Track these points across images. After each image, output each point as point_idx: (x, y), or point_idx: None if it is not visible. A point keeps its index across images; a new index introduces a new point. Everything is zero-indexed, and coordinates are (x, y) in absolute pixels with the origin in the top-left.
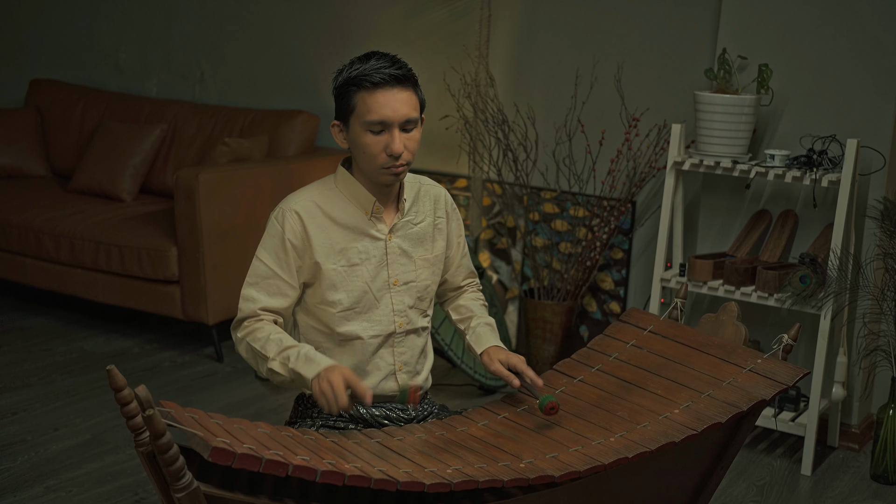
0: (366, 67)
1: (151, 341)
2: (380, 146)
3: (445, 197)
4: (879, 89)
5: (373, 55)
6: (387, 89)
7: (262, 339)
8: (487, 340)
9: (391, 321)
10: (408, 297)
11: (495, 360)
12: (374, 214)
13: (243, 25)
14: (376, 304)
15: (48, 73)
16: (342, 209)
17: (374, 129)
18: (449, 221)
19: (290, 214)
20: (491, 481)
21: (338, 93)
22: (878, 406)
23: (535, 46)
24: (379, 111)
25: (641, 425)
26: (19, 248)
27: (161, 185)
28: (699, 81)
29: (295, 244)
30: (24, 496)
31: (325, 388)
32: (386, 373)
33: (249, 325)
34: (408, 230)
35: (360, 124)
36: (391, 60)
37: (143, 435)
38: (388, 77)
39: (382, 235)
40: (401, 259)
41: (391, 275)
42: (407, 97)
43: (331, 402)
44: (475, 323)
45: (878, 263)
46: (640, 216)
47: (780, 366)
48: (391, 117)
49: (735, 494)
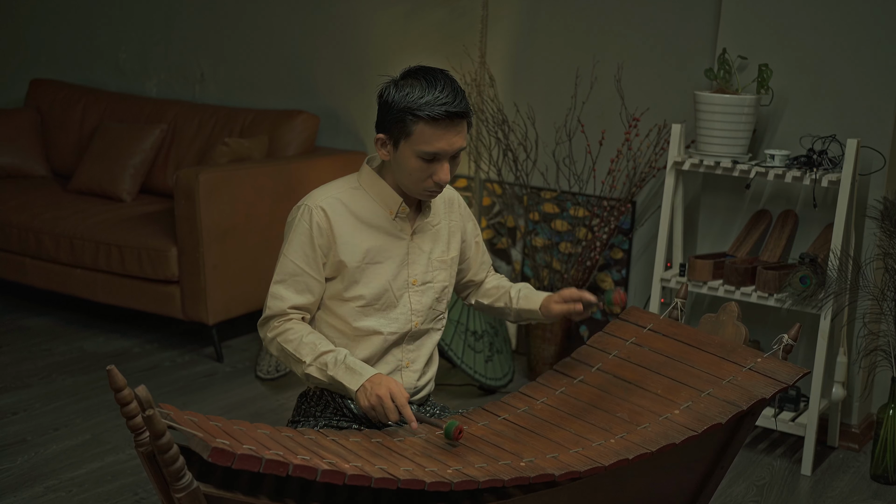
0: (429, 99)
1: (151, 341)
2: (427, 172)
3: (458, 199)
4: (879, 89)
5: (436, 82)
6: (448, 126)
7: (295, 340)
8: (536, 296)
9: (408, 320)
10: (426, 298)
11: (552, 303)
12: (398, 215)
13: (243, 25)
14: (395, 303)
15: (48, 73)
16: (367, 208)
17: (425, 158)
18: (465, 223)
19: (316, 211)
20: (491, 481)
21: (392, 112)
22: (878, 406)
23: (535, 46)
24: (436, 144)
25: (642, 426)
26: (19, 248)
27: (161, 185)
28: (699, 81)
29: (320, 241)
30: (24, 496)
31: (375, 403)
32: (392, 367)
33: (279, 324)
34: (427, 231)
35: (412, 150)
36: (454, 93)
37: (143, 435)
38: (451, 114)
39: (406, 235)
40: (421, 259)
41: (411, 274)
42: (462, 130)
43: (380, 417)
44: (514, 292)
45: (878, 263)
46: (640, 216)
47: (780, 365)
48: (447, 150)
49: (735, 494)
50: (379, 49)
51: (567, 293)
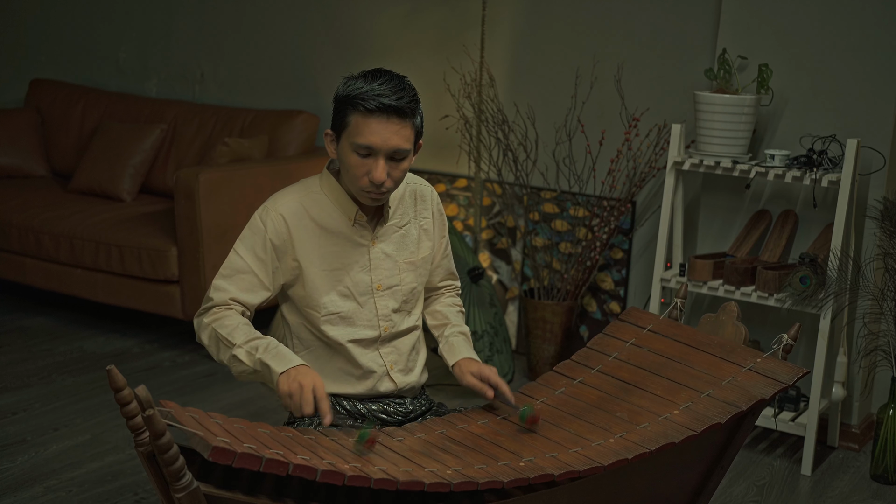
0: (366, 90)
1: (151, 341)
2: (363, 169)
3: (432, 196)
4: (879, 89)
5: (379, 75)
6: (381, 118)
7: (230, 326)
8: (460, 352)
9: (376, 326)
10: (392, 301)
11: (467, 374)
12: (357, 222)
13: (243, 25)
14: (360, 310)
15: (48, 73)
16: (327, 214)
17: (360, 152)
18: (434, 221)
19: (275, 215)
20: (491, 482)
21: (335, 104)
22: (878, 406)
23: (535, 46)
24: (368, 137)
25: (641, 426)
26: (19, 248)
27: (161, 185)
28: (699, 81)
29: (276, 244)
30: (24, 496)
31: (294, 390)
32: (381, 374)
33: (220, 311)
34: (391, 234)
35: (349, 143)
36: (395, 88)
37: (143, 435)
38: (384, 106)
39: (366, 241)
40: (385, 264)
41: (374, 280)
42: (400, 128)
43: (294, 405)
44: (449, 332)
45: (878, 263)
46: (640, 216)
47: (780, 365)
48: (379, 146)
49: (735, 494)
50: (379, 49)
51: (487, 373)
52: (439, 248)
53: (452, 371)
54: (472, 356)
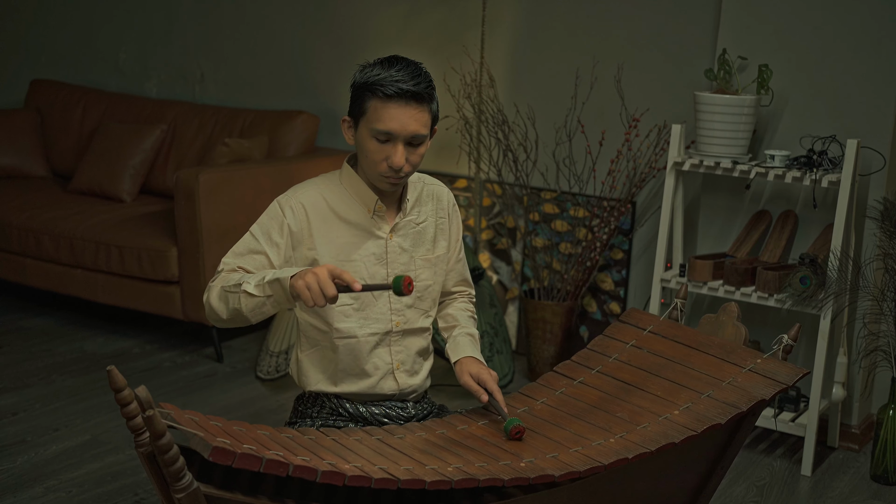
0: (384, 76)
1: (152, 342)
2: (382, 154)
3: (448, 196)
4: (879, 89)
5: (396, 62)
6: (400, 103)
7: (238, 278)
8: (464, 350)
9: (388, 319)
10: (407, 297)
11: (465, 373)
12: (376, 213)
13: (243, 25)
14: (374, 302)
15: (48, 73)
16: (346, 205)
17: (379, 138)
18: (450, 221)
19: (295, 203)
20: (491, 480)
21: (353, 91)
22: (878, 406)
23: (535, 46)
24: (387, 123)
25: (641, 426)
26: (19, 248)
27: (161, 185)
28: (699, 82)
29: (294, 231)
30: (24, 496)
31: (310, 280)
32: (384, 372)
33: (227, 273)
34: (409, 230)
35: (367, 129)
36: (412, 74)
37: (144, 435)
38: (402, 91)
39: (384, 234)
40: (401, 258)
41: (390, 273)
42: (418, 114)
43: (315, 294)
44: (457, 332)
45: (878, 264)
46: (640, 216)
47: (780, 365)
48: (398, 131)
49: (735, 494)
50: (379, 49)
51: (485, 377)
52: (454, 251)
53: (454, 368)
54: (476, 356)
